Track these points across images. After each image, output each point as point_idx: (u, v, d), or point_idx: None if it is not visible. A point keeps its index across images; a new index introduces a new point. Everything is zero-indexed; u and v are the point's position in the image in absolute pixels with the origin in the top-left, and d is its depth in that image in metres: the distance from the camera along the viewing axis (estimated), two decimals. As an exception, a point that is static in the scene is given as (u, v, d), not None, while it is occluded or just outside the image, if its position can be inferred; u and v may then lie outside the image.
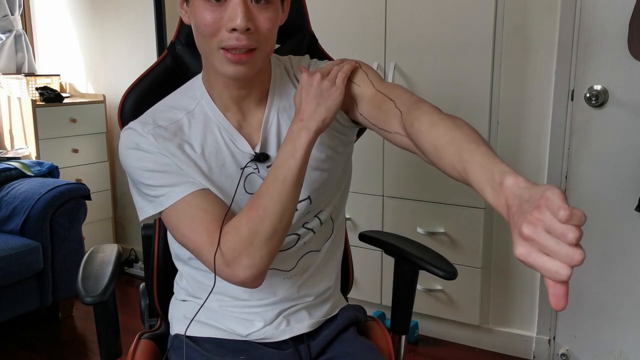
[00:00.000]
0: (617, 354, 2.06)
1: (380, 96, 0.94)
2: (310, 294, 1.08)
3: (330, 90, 0.93)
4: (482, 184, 0.65)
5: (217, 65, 0.92)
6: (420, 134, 0.81)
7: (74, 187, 2.50)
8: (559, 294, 0.53)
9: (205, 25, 0.88)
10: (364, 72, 0.99)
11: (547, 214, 0.52)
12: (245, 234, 0.88)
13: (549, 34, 2.00)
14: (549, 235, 0.52)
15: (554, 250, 0.52)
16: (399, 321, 1.27)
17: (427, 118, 0.82)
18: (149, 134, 0.94)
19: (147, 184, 0.93)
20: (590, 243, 2.04)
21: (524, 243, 0.54)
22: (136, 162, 0.94)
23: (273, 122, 1.01)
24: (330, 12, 2.27)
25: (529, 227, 0.53)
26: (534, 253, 0.53)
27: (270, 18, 0.89)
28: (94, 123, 3.07)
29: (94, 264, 1.14)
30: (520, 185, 0.59)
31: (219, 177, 0.97)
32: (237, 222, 0.89)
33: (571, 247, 0.51)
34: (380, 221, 2.32)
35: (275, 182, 0.89)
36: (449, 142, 0.75)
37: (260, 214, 0.88)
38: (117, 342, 1.12)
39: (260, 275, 0.90)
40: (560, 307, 0.53)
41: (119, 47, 3.08)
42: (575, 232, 0.50)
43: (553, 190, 0.53)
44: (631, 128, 1.91)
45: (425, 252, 1.23)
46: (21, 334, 2.50)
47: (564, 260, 0.51)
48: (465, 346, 2.34)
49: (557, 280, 0.52)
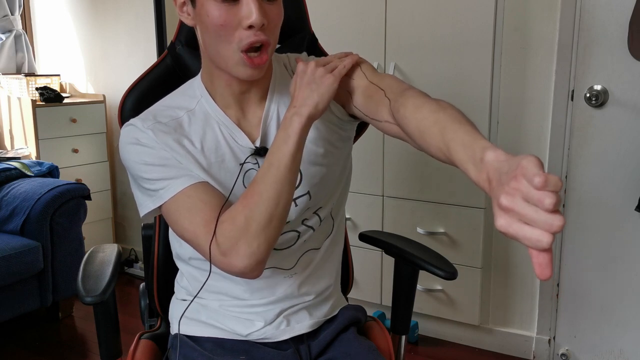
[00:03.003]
0: (617, 354, 2.06)
1: (372, 87, 0.95)
2: (310, 292, 1.08)
3: (324, 77, 0.92)
4: (465, 161, 0.66)
5: (232, 68, 0.92)
6: (405, 119, 0.82)
7: (74, 187, 2.50)
8: (543, 263, 0.53)
9: (220, 26, 0.88)
10: (358, 64, 1.00)
11: (524, 183, 0.52)
12: (242, 222, 0.87)
13: (549, 34, 2.00)
14: (527, 204, 0.52)
15: (533, 219, 0.52)
16: (399, 321, 1.27)
17: (411, 102, 0.83)
18: (149, 129, 0.95)
19: (146, 177, 0.93)
20: (591, 243, 2.04)
21: (504, 214, 0.54)
22: (136, 157, 0.94)
23: (273, 117, 1.01)
24: (330, 12, 2.27)
25: (506, 197, 0.54)
26: (514, 224, 0.53)
27: (279, 12, 0.92)
28: (94, 123, 3.07)
29: (94, 264, 1.14)
30: (500, 158, 0.59)
31: (218, 172, 0.97)
32: (233, 210, 0.89)
33: (549, 213, 0.51)
34: (380, 221, 2.32)
35: (270, 168, 0.89)
36: (433, 123, 0.76)
37: (255, 200, 0.88)
38: (117, 342, 1.12)
39: (259, 264, 0.89)
40: (545, 275, 0.53)
41: (119, 47, 3.08)
42: (552, 198, 0.50)
43: (529, 158, 0.53)
44: (631, 128, 1.91)
45: (425, 252, 1.23)
46: (21, 334, 2.50)
47: (544, 228, 0.51)
48: (465, 346, 2.34)
49: (539, 249, 0.52)
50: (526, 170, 0.52)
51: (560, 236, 2.09)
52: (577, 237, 2.07)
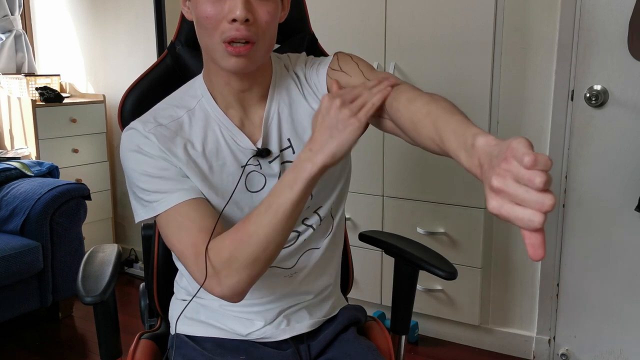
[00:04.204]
0: (617, 354, 2.06)
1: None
2: (310, 291, 1.08)
3: (347, 121, 0.82)
4: (457, 149, 0.66)
5: (218, 59, 0.92)
6: (398, 112, 0.82)
7: (74, 187, 2.50)
8: (536, 243, 0.53)
9: (207, 18, 0.89)
10: (355, 62, 0.99)
11: (514, 164, 0.53)
12: (225, 257, 0.87)
13: (549, 34, 2.00)
14: (518, 185, 0.52)
15: (524, 199, 0.52)
16: (399, 321, 1.27)
17: (404, 96, 0.83)
18: (151, 134, 0.94)
19: (142, 187, 0.93)
20: (591, 243, 2.04)
21: (495, 196, 0.54)
22: (135, 165, 0.94)
23: (274, 118, 1.01)
24: (330, 12, 2.27)
25: (497, 179, 0.54)
26: (506, 205, 0.53)
27: (269, 11, 0.90)
28: (94, 123, 3.07)
29: (94, 264, 1.14)
30: (491, 143, 0.60)
31: (220, 176, 0.97)
32: (220, 242, 0.88)
33: (540, 193, 0.51)
34: (380, 221, 2.32)
35: (268, 211, 0.85)
36: (425, 115, 0.76)
37: (244, 240, 0.86)
38: (117, 342, 1.12)
39: (239, 295, 0.89)
40: (538, 256, 0.53)
41: (119, 47, 3.08)
42: (542, 177, 0.50)
43: (518, 139, 0.53)
44: (631, 128, 1.91)
45: (425, 252, 1.23)
46: (21, 334, 2.50)
47: (535, 207, 0.51)
48: (465, 346, 2.34)
49: (532, 229, 0.52)
50: (516, 151, 0.53)
51: (560, 236, 2.09)
52: (577, 237, 2.07)
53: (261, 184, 1.00)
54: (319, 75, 1.01)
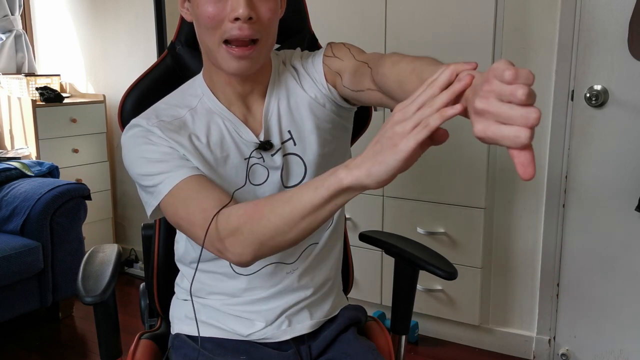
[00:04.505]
0: (617, 354, 2.06)
1: (358, 64, 0.96)
2: (309, 285, 1.08)
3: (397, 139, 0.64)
4: None
5: (220, 62, 0.92)
6: (384, 76, 0.82)
7: (74, 187, 2.50)
8: (525, 161, 0.53)
9: (208, 18, 0.89)
10: (347, 48, 1.02)
11: (496, 83, 0.52)
12: (233, 225, 0.83)
13: (549, 34, 2.00)
14: (502, 103, 0.52)
15: (509, 116, 0.52)
16: (399, 321, 1.27)
17: (389, 60, 0.84)
18: (155, 127, 0.94)
19: (145, 173, 0.92)
20: (591, 243, 2.04)
21: (480, 118, 0.54)
22: (138, 153, 0.93)
23: (273, 112, 1.02)
24: (330, 12, 2.27)
25: (481, 100, 0.53)
26: (491, 126, 0.53)
27: (271, 8, 0.91)
28: (94, 123, 3.07)
29: (94, 264, 1.14)
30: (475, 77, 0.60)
31: (224, 167, 0.97)
32: (234, 210, 0.84)
33: (524, 107, 0.51)
34: (380, 221, 2.32)
35: (287, 202, 0.79)
36: (410, 72, 0.76)
37: (255, 218, 0.82)
38: (117, 342, 1.12)
39: (244, 264, 0.86)
40: (529, 174, 0.53)
41: (119, 47, 3.08)
42: (524, 88, 0.50)
43: (499, 61, 0.53)
44: (631, 128, 1.91)
45: (425, 252, 1.23)
46: (21, 334, 2.50)
47: (521, 123, 0.51)
48: (465, 346, 2.33)
49: (519, 146, 0.52)
50: (496, 70, 0.52)
51: (560, 236, 2.09)
52: (577, 237, 2.07)
53: (264, 177, 1.00)
54: (315, 65, 1.03)
